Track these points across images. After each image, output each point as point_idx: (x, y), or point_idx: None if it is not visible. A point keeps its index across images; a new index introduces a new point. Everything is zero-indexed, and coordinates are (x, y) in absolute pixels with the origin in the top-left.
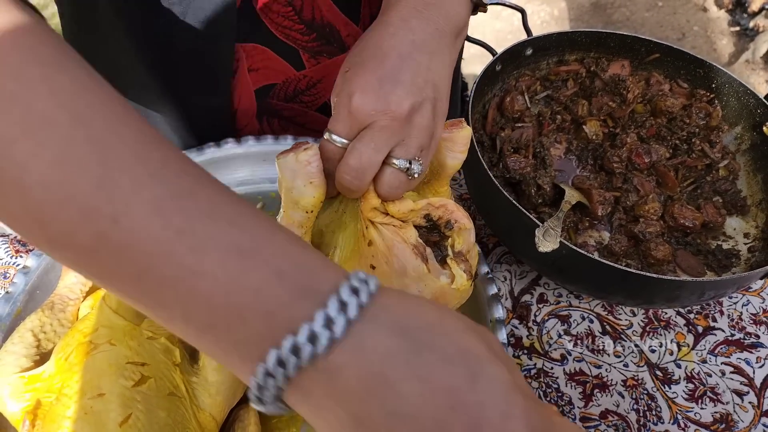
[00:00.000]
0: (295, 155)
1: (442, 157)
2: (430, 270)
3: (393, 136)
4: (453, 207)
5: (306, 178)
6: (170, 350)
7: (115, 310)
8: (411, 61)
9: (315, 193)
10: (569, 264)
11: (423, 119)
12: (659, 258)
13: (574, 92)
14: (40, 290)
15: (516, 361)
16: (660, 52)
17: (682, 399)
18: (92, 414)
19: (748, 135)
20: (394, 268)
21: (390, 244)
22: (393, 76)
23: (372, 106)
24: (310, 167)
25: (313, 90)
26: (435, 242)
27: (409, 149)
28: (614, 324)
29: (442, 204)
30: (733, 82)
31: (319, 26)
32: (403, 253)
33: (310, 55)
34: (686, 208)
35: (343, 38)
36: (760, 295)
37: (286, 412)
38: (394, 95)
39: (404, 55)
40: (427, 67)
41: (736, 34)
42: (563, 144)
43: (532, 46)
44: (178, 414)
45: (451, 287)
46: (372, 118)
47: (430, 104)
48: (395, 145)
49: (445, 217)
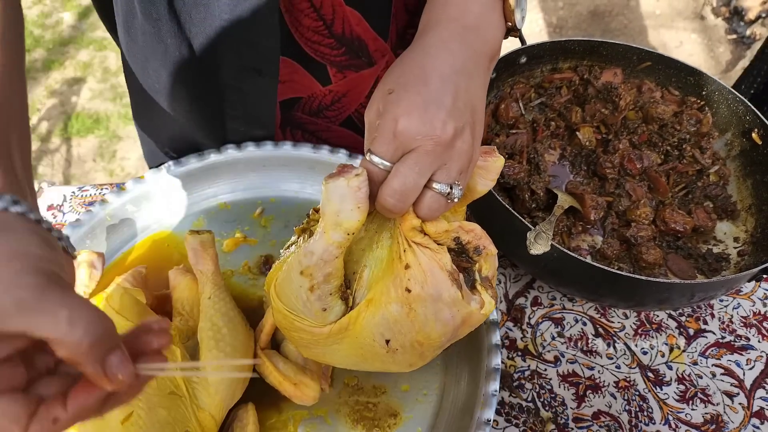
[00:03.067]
0: (347, 180)
1: (473, 183)
2: (464, 296)
3: (436, 161)
4: (480, 233)
5: (354, 202)
6: (171, 350)
7: (118, 310)
8: (452, 84)
9: (361, 217)
10: (562, 267)
11: (464, 144)
12: (650, 261)
13: (567, 99)
14: None
15: (510, 362)
16: (651, 60)
17: (673, 400)
18: None
19: (738, 141)
20: (429, 292)
21: (427, 269)
22: (437, 99)
23: (417, 130)
24: (359, 193)
25: (338, 104)
26: (464, 268)
27: (450, 173)
28: (607, 326)
29: (471, 229)
30: (722, 89)
31: (349, 40)
32: (439, 279)
33: (337, 70)
34: (677, 213)
35: (371, 53)
36: (751, 298)
37: None
38: (439, 120)
39: (445, 77)
40: (466, 89)
41: (733, 42)
42: (557, 150)
43: (526, 55)
44: (178, 412)
45: (480, 312)
46: (417, 142)
47: (470, 129)
48: (437, 168)
49: (473, 242)
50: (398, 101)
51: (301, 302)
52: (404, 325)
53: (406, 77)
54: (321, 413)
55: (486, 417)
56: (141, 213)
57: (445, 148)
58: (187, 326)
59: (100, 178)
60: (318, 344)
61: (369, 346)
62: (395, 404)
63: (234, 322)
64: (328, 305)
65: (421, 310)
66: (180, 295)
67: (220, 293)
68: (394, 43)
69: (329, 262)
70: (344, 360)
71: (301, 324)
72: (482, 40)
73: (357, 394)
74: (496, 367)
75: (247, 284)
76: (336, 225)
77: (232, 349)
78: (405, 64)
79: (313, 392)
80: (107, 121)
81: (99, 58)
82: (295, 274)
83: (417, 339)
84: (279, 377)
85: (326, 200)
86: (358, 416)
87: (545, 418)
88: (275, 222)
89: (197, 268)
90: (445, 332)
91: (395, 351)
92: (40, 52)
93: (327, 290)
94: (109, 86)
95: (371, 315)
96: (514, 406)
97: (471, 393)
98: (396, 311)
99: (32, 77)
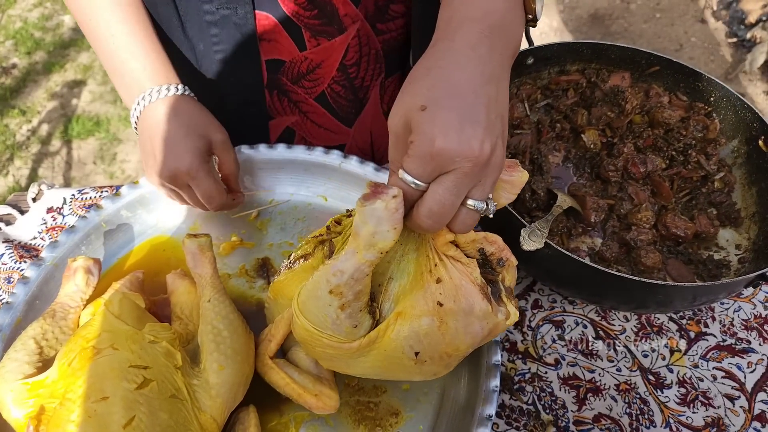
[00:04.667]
0: (384, 203)
1: (497, 196)
2: (493, 309)
3: (473, 180)
4: (502, 244)
5: (391, 224)
6: (172, 354)
7: (118, 315)
8: (484, 96)
9: (396, 237)
10: (558, 266)
11: (498, 158)
12: (649, 265)
13: (574, 102)
14: (39, 300)
15: (511, 365)
16: (660, 64)
17: (674, 403)
18: (96, 417)
19: (745, 149)
20: (461, 306)
21: (459, 284)
22: (472, 116)
23: (456, 151)
24: (396, 214)
25: (313, 75)
26: (489, 279)
27: (485, 189)
28: (607, 329)
29: (495, 240)
30: (730, 96)
31: (321, 3)
32: (471, 293)
33: (311, 34)
34: (679, 218)
35: (341, 17)
36: (752, 301)
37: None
38: (477, 140)
39: (478, 90)
40: (496, 99)
41: (733, 46)
42: (561, 152)
43: (533, 56)
44: (180, 416)
45: (505, 323)
46: (456, 164)
47: (502, 140)
48: (473, 186)
49: (497, 254)
50: (432, 120)
51: (330, 320)
52: (434, 338)
53: (437, 91)
54: (322, 414)
55: (487, 413)
56: (136, 218)
57: (482, 167)
58: (187, 330)
59: (100, 180)
60: (342, 357)
61: (397, 359)
62: (396, 403)
63: (234, 324)
64: (359, 321)
65: (453, 323)
66: (178, 299)
67: (220, 296)
68: (371, 12)
69: (360, 280)
70: (367, 371)
71: (329, 341)
72: (507, 40)
73: (358, 394)
74: (496, 363)
75: (245, 287)
76: (370, 246)
77: (233, 351)
78: (434, 76)
79: (334, 402)
80: (107, 123)
81: (99, 60)
82: (322, 293)
83: (446, 351)
84: (298, 389)
85: (362, 222)
86: (359, 416)
87: (546, 421)
88: (271, 225)
89: (196, 272)
90: (473, 344)
91: (423, 362)
92: (41, 54)
93: (357, 307)
94: (110, 89)
95: (401, 327)
96: (514, 408)
97: (472, 390)
98: (427, 324)
99: (33, 80)
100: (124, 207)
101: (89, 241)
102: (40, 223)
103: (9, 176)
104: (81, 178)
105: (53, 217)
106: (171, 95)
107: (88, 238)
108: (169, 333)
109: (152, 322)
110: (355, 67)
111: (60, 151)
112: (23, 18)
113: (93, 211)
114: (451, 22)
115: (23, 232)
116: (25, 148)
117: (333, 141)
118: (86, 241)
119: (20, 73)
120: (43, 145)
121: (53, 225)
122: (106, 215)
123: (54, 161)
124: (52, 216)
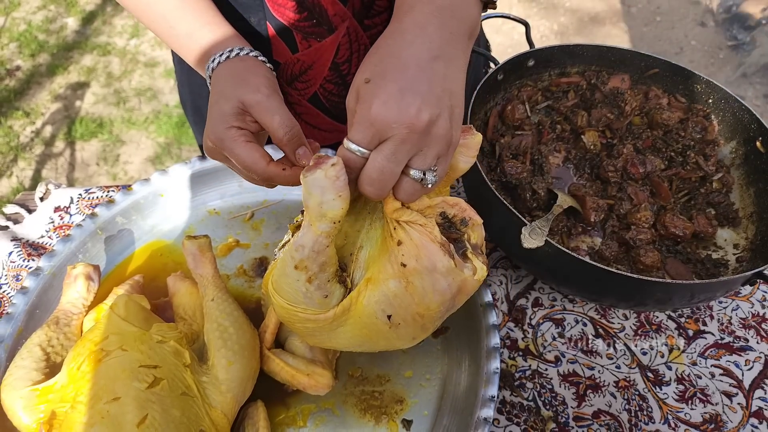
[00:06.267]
0: (324, 172)
1: (455, 161)
2: (457, 264)
3: (412, 148)
4: (465, 205)
5: (335, 192)
6: (180, 352)
7: (124, 317)
8: (429, 71)
9: (343, 204)
10: (558, 264)
11: (440, 129)
12: (648, 264)
13: (574, 103)
14: (39, 309)
15: (511, 362)
16: (659, 67)
17: (672, 400)
18: (109, 418)
19: (743, 150)
20: (424, 264)
21: (419, 243)
22: (413, 87)
23: (393, 118)
24: (338, 182)
25: (305, 76)
26: (454, 239)
27: (426, 159)
28: (607, 327)
29: (456, 203)
30: (729, 98)
31: (310, 5)
32: (432, 250)
33: (302, 36)
34: (678, 218)
35: (330, 17)
36: (749, 299)
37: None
38: (414, 107)
39: (423, 65)
40: (443, 75)
41: (733, 49)
42: (562, 153)
43: (534, 58)
44: (191, 412)
45: (473, 278)
46: (393, 130)
47: (448, 113)
48: (414, 155)
49: (459, 215)
50: (375, 89)
51: (302, 294)
52: (404, 299)
53: (383, 65)
54: (328, 405)
55: (490, 394)
56: (132, 224)
57: (420, 135)
58: (191, 330)
59: (103, 181)
60: (323, 330)
61: (372, 324)
62: (400, 391)
63: (239, 321)
64: (329, 291)
65: (419, 282)
66: (180, 300)
67: (222, 295)
68: (357, 9)
69: (321, 252)
70: (349, 342)
71: (304, 314)
72: (459, 20)
73: (362, 384)
74: (495, 347)
75: (244, 287)
76: (321, 216)
77: (240, 347)
78: (382, 52)
79: (326, 380)
80: (110, 125)
81: (103, 63)
82: (290, 269)
83: (417, 311)
84: (291, 371)
85: (307, 193)
86: (365, 405)
87: (546, 417)
88: (267, 224)
89: (197, 272)
90: (443, 301)
91: (398, 326)
92: (45, 57)
93: (324, 278)
94: (113, 91)
95: (371, 293)
96: (515, 405)
97: (473, 373)
98: (394, 286)
99: (36, 82)
100: (119, 214)
101: (86, 249)
102: (47, 222)
103: (13, 177)
104: (84, 179)
105: (60, 216)
106: (224, 60)
107: (85, 246)
108: (176, 332)
109: (158, 322)
110: (346, 64)
111: (63, 152)
112: (27, 20)
113: (88, 219)
114: (403, 5)
115: (31, 230)
116: (28, 150)
117: (327, 141)
118: (83, 249)
119: (24, 75)
120: (46, 146)
121: (60, 224)
122: (101, 222)
123: (57, 162)
124: (59, 215)
